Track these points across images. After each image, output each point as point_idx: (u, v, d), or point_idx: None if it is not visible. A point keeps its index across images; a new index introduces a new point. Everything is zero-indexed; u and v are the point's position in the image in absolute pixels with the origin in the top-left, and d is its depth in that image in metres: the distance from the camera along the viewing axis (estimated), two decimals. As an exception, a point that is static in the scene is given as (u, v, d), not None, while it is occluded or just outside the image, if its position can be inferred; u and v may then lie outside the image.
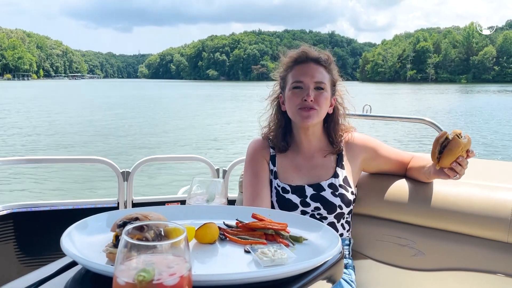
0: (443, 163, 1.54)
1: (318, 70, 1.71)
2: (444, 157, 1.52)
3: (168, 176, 9.87)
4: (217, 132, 18.85)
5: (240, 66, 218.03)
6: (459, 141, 1.50)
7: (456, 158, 1.52)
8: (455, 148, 1.50)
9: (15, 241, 2.47)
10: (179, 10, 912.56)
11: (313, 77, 1.69)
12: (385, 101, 40.03)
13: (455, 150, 1.50)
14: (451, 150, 1.50)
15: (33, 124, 21.26)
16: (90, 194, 8.42)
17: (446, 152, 1.52)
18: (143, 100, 44.06)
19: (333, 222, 1.70)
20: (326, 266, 0.97)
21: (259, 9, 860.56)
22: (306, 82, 1.68)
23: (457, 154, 1.51)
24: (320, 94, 1.69)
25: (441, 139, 1.53)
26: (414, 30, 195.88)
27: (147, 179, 9.15)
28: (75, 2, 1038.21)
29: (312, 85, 1.68)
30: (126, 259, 0.66)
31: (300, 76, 1.70)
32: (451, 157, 1.52)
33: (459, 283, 1.64)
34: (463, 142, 1.50)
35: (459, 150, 1.50)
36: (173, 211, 1.29)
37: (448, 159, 1.52)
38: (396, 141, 15.34)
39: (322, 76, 1.71)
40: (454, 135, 1.51)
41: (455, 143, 1.50)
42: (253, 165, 1.79)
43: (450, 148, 1.51)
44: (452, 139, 1.51)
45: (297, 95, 1.69)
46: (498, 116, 27.23)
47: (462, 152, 1.51)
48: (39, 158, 2.83)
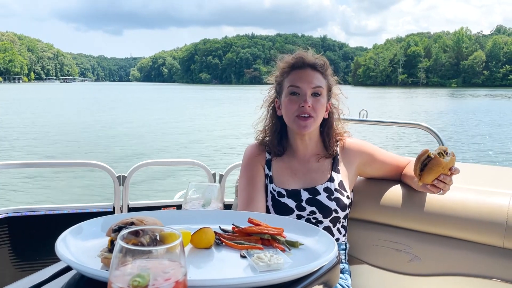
0: (424, 180, 1.55)
1: (315, 76, 1.71)
2: (425, 175, 1.53)
3: (164, 180, 9.84)
4: (213, 136, 18.83)
5: (233, 70, 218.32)
6: (440, 160, 1.50)
7: (437, 175, 1.52)
8: (435, 167, 1.50)
9: (10, 246, 2.45)
10: (170, 14, 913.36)
11: (310, 82, 1.68)
12: (378, 105, 40.28)
13: (435, 169, 1.51)
14: (431, 169, 1.51)
15: (28, 127, 21.12)
16: (86, 198, 8.37)
17: (426, 170, 1.52)
18: (138, 104, 43.95)
19: (328, 226, 1.69)
20: (323, 271, 0.97)
21: (250, 13, 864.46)
22: (303, 88, 1.68)
23: (438, 172, 1.51)
24: (317, 101, 1.69)
25: (423, 157, 1.54)
26: (404, 34, 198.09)
27: (143, 183, 9.11)
28: (64, 5, 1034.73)
29: (309, 91, 1.68)
30: (121, 264, 0.66)
31: (297, 81, 1.69)
32: (431, 175, 1.52)
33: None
34: (445, 162, 1.50)
35: (440, 168, 1.51)
36: (169, 216, 1.29)
37: (429, 177, 1.53)
38: (391, 145, 15.45)
39: (319, 82, 1.70)
40: (435, 154, 1.51)
41: (436, 162, 1.50)
42: (249, 170, 1.79)
43: (430, 167, 1.51)
44: (434, 158, 1.51)
45: (294, 101, 1.68)
46: (488, 120, 27.52)
47: (444, 170, 1.51)
48: (35, 162, 2.83)
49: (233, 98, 58.93)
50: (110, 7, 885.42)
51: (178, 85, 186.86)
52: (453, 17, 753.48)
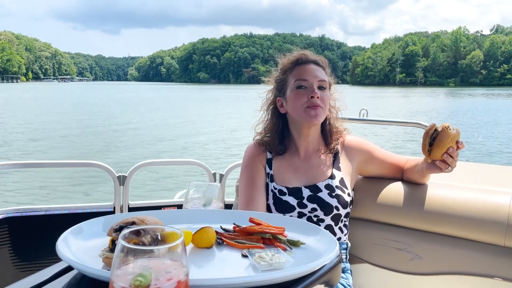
0: (434, 155, 1.55)
1: (320, 70, 1.74)
2: (435, 149, 1.53)
3: (165, 180, 9.83)
4: (214, 136, 18.81)
5: (231, 69, 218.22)
6: (448, 132, 1.51)
7: (446, 149, 1.53)
8: (445, 139, 1.51)
9: (10, 246, 2.45)
10: (168, 13, 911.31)
11: (316, 76, 1.71)
12: (378, 104, 40.31)
13: (445, 141, 1.51)
14: (441, 141, 1.52)
15: (28, 127, 21.07)
16: (86, 198, 8.36)
17: (436, 143, 1.53)
18: (138, 103, 43.87)
19: (330, 225, 1.69)
20: (324, 270, 0.96)
21: (248, 12, 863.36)
22: (310, 81, 1.70)
23: (447, 145, 1.52)
24: (324, 93, 1.71)
25: (431, 131, 1.54)
26: (402, 34, 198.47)
27: (143, 183, 9.11)
28: (61, 4, 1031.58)
29: (316, 84, 1.70)
30: (122, 263, 0.65)
31: (304, 75, 1.71)
32: (441, 148, 1.53)
33: (457, 287, 1.64)
34: (452, 133, 1.51)
35: (449, 141, 1.51)
36: (169, 216, 1.29)
37: (439, 151, 1.53)
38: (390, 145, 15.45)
39: (323, 76, 1.74)
40: (443, 127, 1.53)
41: (445, 134, 1.51)
42: (249, 170, 1.79)
43: (440, 139, 1.52)
44: (442, 131, 1.52)
45: (302, 94, 1.69)
46: (487, 119, 27.57)
47: (452, 143, 1.53)
48: (35, 163, 2.84)
49: (232, 97, 58.91)
50: (107, 6, 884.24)
51: (176, 84, 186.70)
52: (451, 17, 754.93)
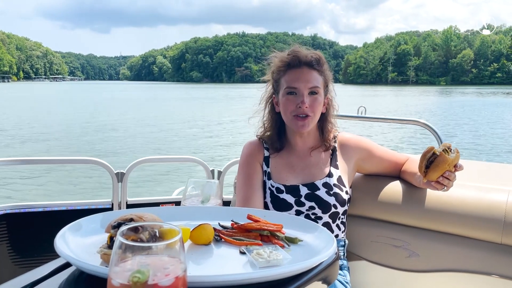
0: (430, 177, 1.55)
1: (312, 74, 1.70)
2: (431, 172, 1.53)
3: (163, 177, 9.80)
4: (212, 133, 18.81)
5: (224, 68, 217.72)
6: (446, 157, 1.50)
7: (442, 172, 1.53)
8: (441, 164, 1.51)
9: (8, 242, 2.44)
10: (158, 11, 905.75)
11: (307, 82, 1.68)
12: (373, 103, 40.47)
13: (441, 166, 1.51)
14: (437, 166, 1.51)
15: (26, 126, 20.93)
16: (84, 195, 8.33)
17: (432, 167, 1.52)
18: (136, 102, 43.72)
19: (328, 222, 1.70)
20: (322, 267, 0.96)
21: (239, 10, 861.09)
22: (300, 88, 1.68)
23: (443, 169, 1.52)
24: (315, 99, 1.69)
25: (428, 155, 1.54)
26: (393, 33, 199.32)
27: (141, 180, 9.08)
28: (49, 2, 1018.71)
29: (306, 91, 1.68)
30: (120, 260, 0.65)
31: (294, 82, 1.69)
32: (437, 172, 1.52)
33: (454, 284, 1.65)
34: (450, 158, 1.50)
35: (446, 165, 1.51)
36: (168, 212, 1.28)
37: (435, 174, 1.53)
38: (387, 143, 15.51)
39: (315, 81, 1.70)
40: (441, 151, 1.52)
41: (442, 159, 1.50)
42: (246, 168, 1.79)
43: (436, 164, 1.51)
44: (440, 155, 1.51)
45: (291, 101, 1.69)
46: (481, 117, 27.76)
47: (449, 167, 1.52)
48: (33, 159, 2.84)
49: (226, 96, 58.88)
50: (96, 4, 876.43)
51: (169, 83, 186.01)
52: (441, 15, 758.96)
